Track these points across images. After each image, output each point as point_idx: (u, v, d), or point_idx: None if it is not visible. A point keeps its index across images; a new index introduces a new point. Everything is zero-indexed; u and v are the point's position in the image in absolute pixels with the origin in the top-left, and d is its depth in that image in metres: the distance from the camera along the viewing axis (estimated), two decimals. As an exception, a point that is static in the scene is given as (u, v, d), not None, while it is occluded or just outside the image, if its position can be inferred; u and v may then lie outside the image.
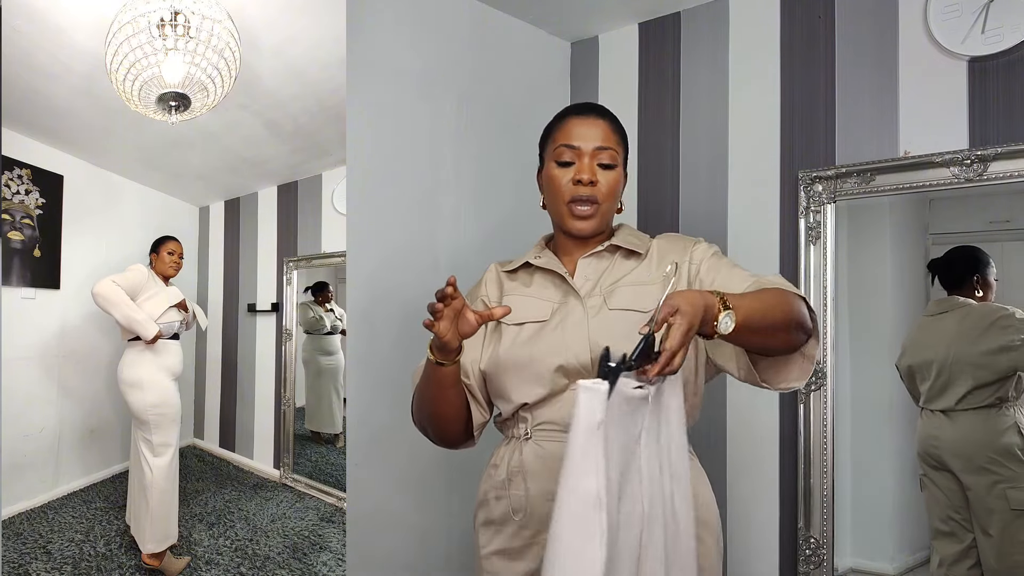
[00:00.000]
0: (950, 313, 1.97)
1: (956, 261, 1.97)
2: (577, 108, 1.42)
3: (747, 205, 2.17)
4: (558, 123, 1.40)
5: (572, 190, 1.35)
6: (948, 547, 1.92)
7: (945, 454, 1.92)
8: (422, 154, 2.09)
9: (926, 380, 1.97)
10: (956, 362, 1.92)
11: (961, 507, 1.90)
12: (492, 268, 1.50)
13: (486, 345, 1.40)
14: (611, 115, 1.41)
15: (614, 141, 1.37)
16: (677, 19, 2.34)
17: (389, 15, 2.01)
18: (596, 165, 1.35)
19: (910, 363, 2.01)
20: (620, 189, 1.40)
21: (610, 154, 1.36)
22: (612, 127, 1.39)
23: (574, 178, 1.34)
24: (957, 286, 1.96)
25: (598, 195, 1.35)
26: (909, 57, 1.92)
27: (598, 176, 1.35)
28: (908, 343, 2.04)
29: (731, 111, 2.21)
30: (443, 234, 2.14)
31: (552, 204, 1.40)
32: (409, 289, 2.05)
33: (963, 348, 1.92)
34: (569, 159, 1.35)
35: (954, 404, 1.91)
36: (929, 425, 1.97)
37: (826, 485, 1.97)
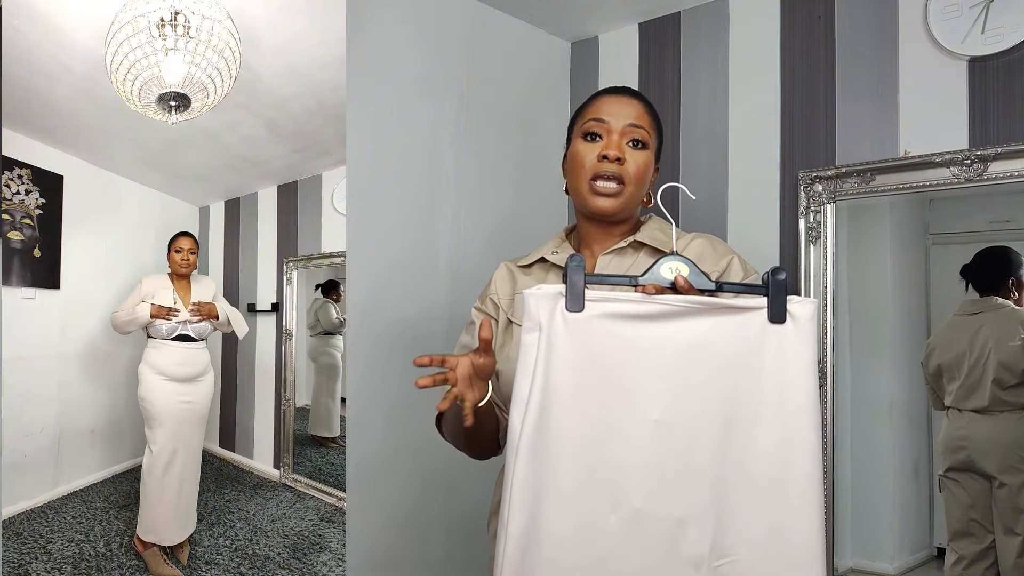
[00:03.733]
0: (984, 314, 1.95)
1: (987, 264, 1.95)
2: (611, 88, 1.33)
3: (747, 205, 2.17)
4: (590, 101, 1.31)
5: (596, 166, 1.24)
6: (968, 547, 1.92)
7: (975, 453, 1.91)
8: (422, 154, 2.09)
9: (955, 379, 1.96)
10: (990, 362, 1.91)
11: (984, 507, 1.90)
12: (502, 266, 1.41)
13: (499, 345, 1.33)
14: (647, 100, 1.32)
15: (647, 122, 1.28)
16: (677, 19, 2.34)
17: (389, 15, 2.01)
18: (625, 143, 1.25)
19: (939, 362, 2.00)
20: (649, 175, 1.29)
21: (642, 133, 1.25)
22: (647, 109, 1.30)
23: (600, 153, 1.24)
24: (991, 288, 1.95)
25: (624, 175, 1.24)
26: (909, 57, 1.92)
27: (626, 155, 1.24)
28: (936, 342, 2.02)
29: (731, 111, 2.21)
30: (443, 234, 2.14)
31: (574, 182, 1.29)
32: (409, 289, 2.05)
33: (998, 348, 1.91)
34: (597, 132, 1.26)
35: (988, 404, 1.90)
36: (956, 424, 1.96)
37: (826, 485, 1.97)
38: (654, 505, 0.95)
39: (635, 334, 0.95)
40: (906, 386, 2.11)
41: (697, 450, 0.96)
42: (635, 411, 0.95)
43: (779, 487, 0.97)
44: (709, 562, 0.96)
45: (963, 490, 1.93)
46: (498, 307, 1.34)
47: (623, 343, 0.95)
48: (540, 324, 0.94)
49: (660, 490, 0.95)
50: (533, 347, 0.94)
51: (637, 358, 0.95)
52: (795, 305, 0.97)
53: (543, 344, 0.94)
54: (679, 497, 0.96)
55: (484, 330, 1.08)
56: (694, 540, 0.96)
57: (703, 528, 0.96)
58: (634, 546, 0.95)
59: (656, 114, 1.32)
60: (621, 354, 0.95)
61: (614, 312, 0.95)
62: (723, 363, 0.97)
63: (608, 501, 0.95)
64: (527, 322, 0.95)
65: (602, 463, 0.95)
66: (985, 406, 1.91)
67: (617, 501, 0.95)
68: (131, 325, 2.53)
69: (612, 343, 0.95)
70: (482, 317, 1.35)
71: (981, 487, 1.90)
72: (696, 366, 0.96)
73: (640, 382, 0.95)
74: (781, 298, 0.96)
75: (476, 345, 1.30)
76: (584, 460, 0.94)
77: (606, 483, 0.95)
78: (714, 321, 0.96)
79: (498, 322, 1.34)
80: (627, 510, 0.94)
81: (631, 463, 0.95)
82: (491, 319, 1.34)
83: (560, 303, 0.94)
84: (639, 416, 0.95)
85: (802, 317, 0.97)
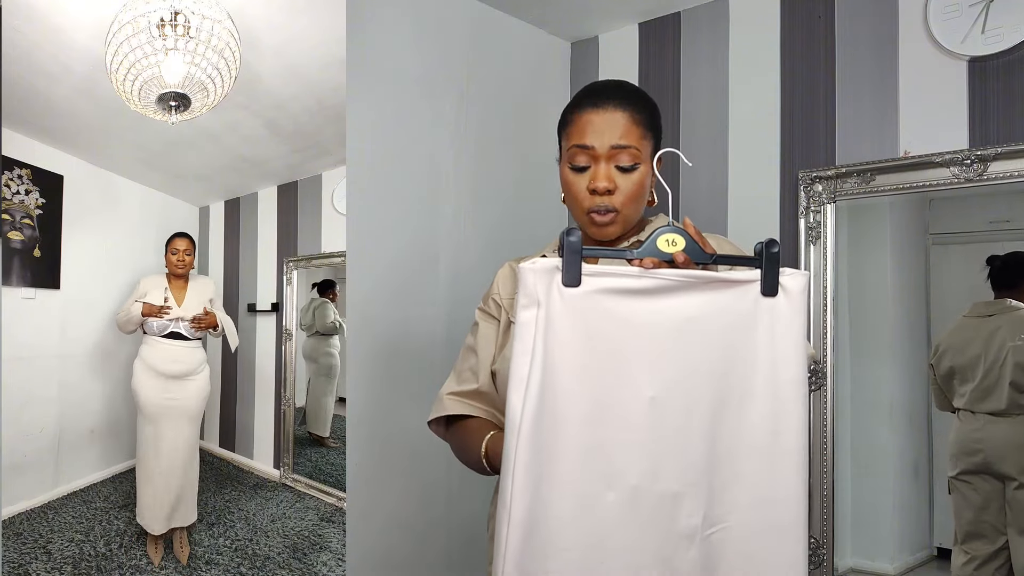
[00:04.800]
0: (1000, 316, 1.95)
1: (1014, 266, 1.93)
2: (594, 95, 1.24)
3: (747, 205, 2.17)
4: (572, 116, 1.24)
5: (588, 200, 1.21)
6: (979, 548, 1.91)
7: (991, 456, 1.91)
8: (422, 154, 2.09)
9: (969, 381, 1.96)
10: (1007, 364, 1.90)
11: (997, 509, 1.90)
12: (505, 266, 1.39)
13: (500, 347, 1.32)
14: (634, 99, 1.23)
15: (635, 136, 1.20)
16: (677, 19, 2.34)
17: (389, 15, 2.01)
18: (614, 168, 1.20)
19: (952, 364, 1.99)
20: (645, 189, 1.24)
21: (630, 153, 1.20)
22: (633, 117, 1.21)
23: (589, 187, 1.21)
24: (1008, 288, 1.94)
25: (616, 204, 1.20)
26: (909, 57, 1.92)
27: (616, 181, 1.20)
28: (948, 344, 2.01)
29: (731, 111, 2.21)
30: (443, 234, 2.14)
31: (570, 207, 1.28)
32: (409, 289, 2.05)
33: (1017, 350, 1.90)
34: (584, 163, 1.21)
35: (1005, 407, 1.89)
36: (971, 427, 1.95)
37: (826, 485, 1.97)
38: (650, 482, 0.95)
39: (630, 309, 0.94)
40: (906, 386, 2.11)
41: (691, 425, 0.97)
42: (631, 389, 0.95)
43: (768, 458, 0.99)
44: (701, 532, 0.98)
45: (975, 492, 1.93)
46: (500, 307, 1.34)
47: (618, 319, 0.94)
48: (538, 300, 0.92)
49: (655, 467, 0.96)
50: (531, 324, 0.92)
51: (632, 335, 0.95)
52: (787, 278, 0.98)
53: (541, 321, 0.92)
54: (674, 472, 0.96)
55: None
56: (688, 513, 0.97)
57: (697, 501, 0.97)
58: (631, 523, 0.95)
59: (646, 112, 1.24)
60: (617, 331, 0.94)
61: (611, 287, 0.94)
62: (716, 337, 0.97)
63: (605, 480, 0.95)
64: (523, 298, 0.93)
65: (599, 443, 0.95)
66: (1003, 408, 1.90)
67: (613, 480, 0.95)
68: (129, 324, 2.58)
69: (608, 320, 0.94)
70: (485, 319, 1.36)
71: (994, 489, 1.90)
72: (690, 341, 0.96)
73: (635, 359, 0.95)
74: (774, 271, 0.97)
75: (481, 347, 1.31)
76: (582, 440, 0.94)
77: (603, 462, 0.95)
78: (708, 295, 0.96)
79: (500, 323, 1.33)
80: (624, 488, 0.95)
81: (627, 441, 0.95)
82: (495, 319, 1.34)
83: (557, 277, 0.93)
84: (634, 394, 0.95)
85: (794, 290, 0.98)
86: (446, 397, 1.33)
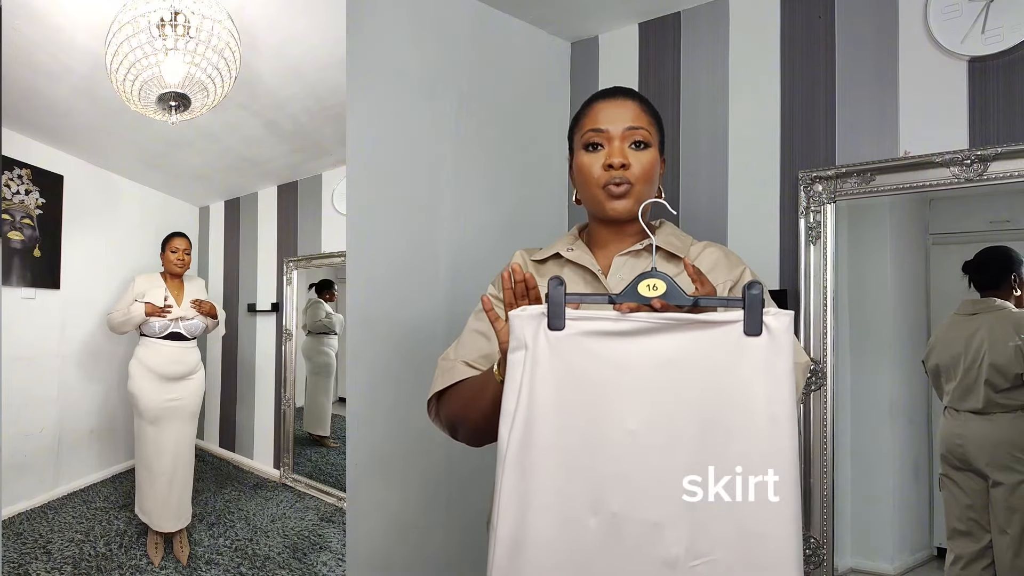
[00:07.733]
0: (983, 315, 1.95)
1: (990, 262, 1.95)
2: (604, 92, 1.35)
3: (747, 205, 2.17)
4: (585, 109, 1.34)
5: (603, 176, 1.28)
6: (965, 546, 1.92)
7: (971, 453, 1.92)
8: (422, 154, 2.09)
9: (952, 380, 1.97)
10: (984, 364, 1.91)
11: (981, 507, 1.90)
12: (518, 254, 1.42)
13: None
14: (641, 96, 1.34)
15: (646, 121, 1.30)
16: (677, 19, 2.34)
17: (389, 15, 2.01)
18: (627, 147, 1.28)
19: (937, 362, 2.00)
20: (656, 171, 1.31)
21: (642, 133, 1.28)
22: (643, 107, 1.32)
23: (605, 163, 1.28)
24: (992, 287, 1.95)
25: (631, 177, 1.27)
26: (909, 57, 1.92)
27: (630, 158, 1.27)
28: (936, 341, 2.03)
29: (731, 111, 2.21)
30: (443, 234, 2.14)
31: (585, 193, 1.33)
32: (409, 289, 2.05)
33: (992, 351, 1.91)
34: (598, 142, 1.29)
35: (982, 406, 1.90)
36: (953, 424, 1.96)
37: (826, 485, 1.97)
38: (630, 510, 1.00)
39: (613, 350, 1.01)
40: (906, 386, 2.11)
41: (672, 460, 1.00)
42: (612, 422, 1.00)
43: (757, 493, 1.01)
44: (685, 562, 1.00)
45: (961, 490, 1.94)
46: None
47: (601, 359, 1.01)
48: (525, 343, 1.00)
49: (636, 496, 1.00)
50: (519, 364, 1.01)
51: (615, 373, 1.01)
52: (771, 317, 1.00)
53: (528, 362, 1.00)
54: (654, 503, 1.00)
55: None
56: (670, 543, 1.00)
57: (679, 532, 1.00)
58: (613, 548, 1.00)
59: (653, 109, 1.34)
60: (600, 369, 1.01)
61: (593, 330, 1.00)
62: (699, 376, 1.01)
63: (588, 507, 1.00)
64: (513, 341, 1.01)
65: (582, 471, 1.00)
66: (980, 408, 1.91)
67: (596, 506, 1.00)
68: (127, 325, 2.56)
69: (591, 359, 1.01)
70: (492, 303, 1.34)
71: (979, 487, 1.91)
72: (672, 377, 1.00)
73: (617, 396, 1.01)
74: (756, 312, 1.00)
75: (487, 330, 1.32)
76: (566, 469, 1.00)
77: (586, 490, 1.00)
78: (691, 334, 1.00)
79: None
80: (605, 514, 1.00)
81: (609, 471, 1.01)
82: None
83: (543, 322, 1.00)
84: (616, 427, 1.00)
85: (777, 329, 1.00)
86: (460, 364, 1.32)
